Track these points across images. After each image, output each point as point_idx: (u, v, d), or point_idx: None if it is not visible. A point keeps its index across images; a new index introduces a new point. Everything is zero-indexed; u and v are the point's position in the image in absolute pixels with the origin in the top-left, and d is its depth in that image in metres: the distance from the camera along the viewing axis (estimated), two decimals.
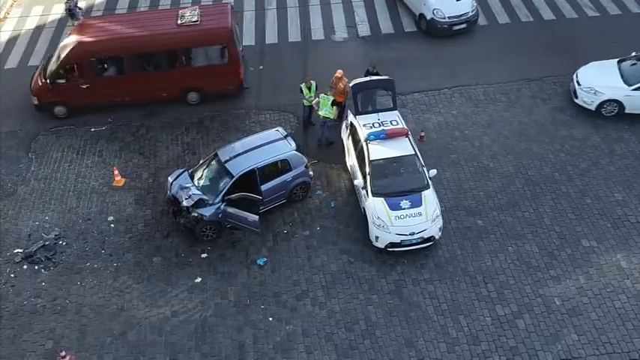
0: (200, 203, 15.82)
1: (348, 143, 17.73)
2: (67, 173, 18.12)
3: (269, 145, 16.85)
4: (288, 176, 16.60)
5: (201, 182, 16.40)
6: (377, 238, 15.46)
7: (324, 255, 15.74)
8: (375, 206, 15.52)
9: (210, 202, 15.88)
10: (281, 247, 15.98)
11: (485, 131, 18.99)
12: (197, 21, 19.11)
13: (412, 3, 23.25)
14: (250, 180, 16.11)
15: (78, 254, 15.99)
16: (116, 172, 17.76)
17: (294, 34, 23.08)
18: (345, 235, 16.19)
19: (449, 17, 22.10)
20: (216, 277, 15.39)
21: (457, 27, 22.22)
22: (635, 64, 19.26)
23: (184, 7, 20.53)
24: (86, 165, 18.37)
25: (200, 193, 15.96)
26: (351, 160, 17.24)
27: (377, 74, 18.90)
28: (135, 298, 14.98)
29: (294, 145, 16.93)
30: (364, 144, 16.48)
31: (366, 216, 15.82)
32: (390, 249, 15.51)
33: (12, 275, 15.54)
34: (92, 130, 19.47)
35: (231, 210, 15.76)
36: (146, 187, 17.66)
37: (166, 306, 14.79)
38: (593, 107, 19.00)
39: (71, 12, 23.38)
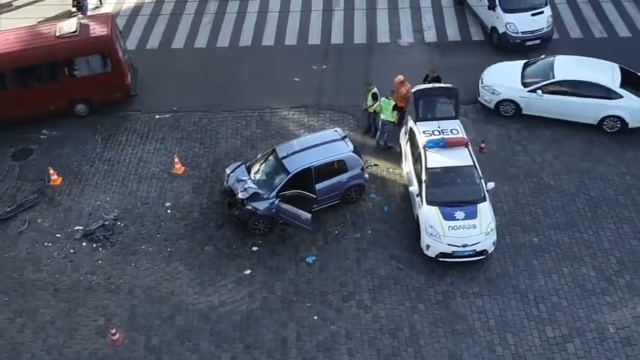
0: (255, 197, 16.04)
1: (406, 149, 17.63)
2: (130, 157, 18.69)
3: (327, 144, 16.93)
4: (343, 177, 16.63)
5: (258, 176, 16.62)
6: (428, 246, 15.32)
7: (373, 259, 15.70)
8: (428, 214, 15.38)
9: (265, 196, 16.08)
10: (331, 247, 16.04)
11: (548, 147, 18.53)
12: (75, 31, 18.99)
13: (484, 15, 22.75)
14: (306, 178, 16.23)
15: (134, 236, 16.47)
16: (177, 159, 18.19)
17: (359, 36, 23.10)
18: (395, 241, 16.11)
19: (522, 32, 21.48)
20: (265, 270, 15.58)
21: (530, 43, 21.57)
22: (536, 65, 19.50)
23: (63, 20, 20.25)
24: (148, 150, 18.89)
25: (255, 187, 16.18)
26: (408, 166, 17.13)
27: (438, 79, 18.71)
28: (185, 284, 15.32)
29: (351, 146, 16.95)
30: (422, 151, 16.34)
31: (418, 223, 15.70)
32: (441, 259, 15.34)
33: (71, 251, 16.15)
34: (157, 117, 20.02)
35: (284, 206, 15.92)
36: (204, 176, 18.03)
37: (214, 295, 15.07)
38: (492, 106, 19.33)
39: (80, 4, 23.71)
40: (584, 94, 18.49)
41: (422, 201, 15.64)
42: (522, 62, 19.84)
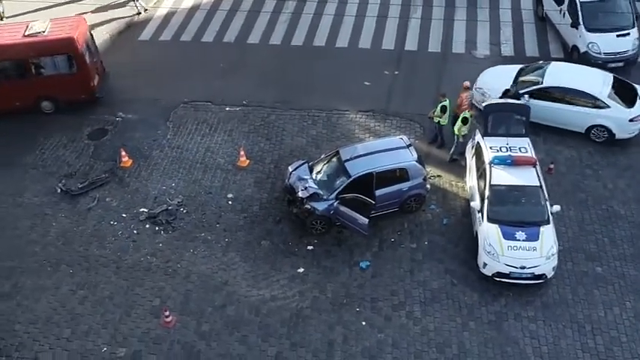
0: (314, 197, 16.17)
1: (471, 163, 17.35)
2: (198, 146, 19.20)
3: (390, 151, 16.85)
4: (404, 185, 16.53)
5: (319, 177, 16.75)
6: (485, 264, 15.04)
7: (427, 271, 15.55)
8: (488, 232, 15.09)
9: (325, 197, 16.18)
10: (385, 255, 15.99)
11: (622, 174, 17.84)
12: (43, 31, 19.33)
13: (566, 32, 22.09)
14: (366, 183, 16.22)
15: (195, 223, 16.92)
16: (242, 152, 18.56)
17: (434, 45, 22.92)
18: (452, 255, 15.90)
19: (605, 53, 20.75)
20: (318, 270, 15.69)
21: (613, 65, 20.76)
22: (531, 70, 19.45)
23: (36, 20, 20.43)
24: (216, 141, 19.35)
25: (316, 187, 16.30)
26: (472, 180, 16.86)
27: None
28: (239, 276, 15.62)
29: (415, 155, 16.82)
30: (488, 167, 16.05)
31: (477, 240, 15.43)
32: (497, 278, 15.03)
33: (135, 232, 16.74)
34: (227, 109, 20.47)
35: (343, 209, 15.97)
36: (267, 171, 18.31)
37: (267, 289, 15.30)
38: (482, 107, 18.52)
39: None
40: (572, 102, 18.49)
41: (482, 218, 15.37)
42: (519, 66, 19.87)
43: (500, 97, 18.52)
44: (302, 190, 16.29)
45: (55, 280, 15.59)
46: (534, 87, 18.76)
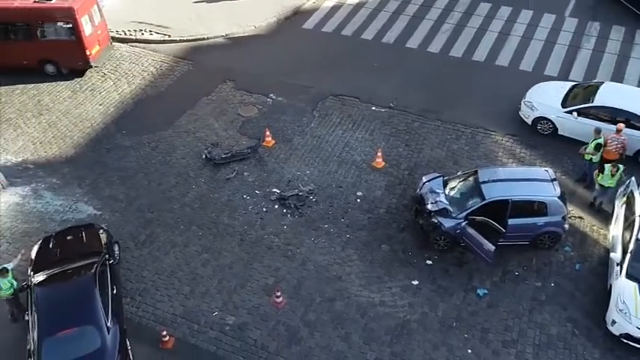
0: (443, 212, 15.84)
1: (619, 211, 16.09)
2: (338, 139, 19.51)
3: (532, 182, 16.07)
4: (540, 220, 15.69)
5: (452, 193, 16.37)
6: (613, 322, 13.92)
7: (548, 314, 14.69)
8: (624, 289, 13.93)
9: (454, 215, 15.78)
10: (506, 287, 15.32)
11: None
12: None
13: None
14: (500, 209, 15.60)
15: (321, 214, 17.25)
16: (379, 154, 18.59)
17: (603, 77, 21.41)
18: (578, 304, 14.88)
19: None
20: (433, 287, 15.38)
21: None
22: (583, 88, 19.04)
23: None
24: (356, 138, 19.55)
25: (447, 202, 15.94)
26: (617, 229, 15.64)
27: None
28: (353, 274, 15.72)
29: (558, 191, 15.89)
30: (638, 219, 14.81)
31: (610, 294, 14.32)
32: (625, 340, 13.85)
33: (264, 209, 17.40)
34: (373, 108, 20.61)
35: (470, 231, 15.50)
36: (400, 177, 18.22)
37: (377, 293, 15.26)
38: (529, 122, 19.34)
39: None
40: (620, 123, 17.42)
41: (621, 272, 14.21)
42: (572, 83, 19.70)
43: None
44: (432, 203, 16.02)
45: (185, 239, 16.63)
46: (584, 105, 18.34)
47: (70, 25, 21.25)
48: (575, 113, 18.39)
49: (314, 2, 25.82)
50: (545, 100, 19.13)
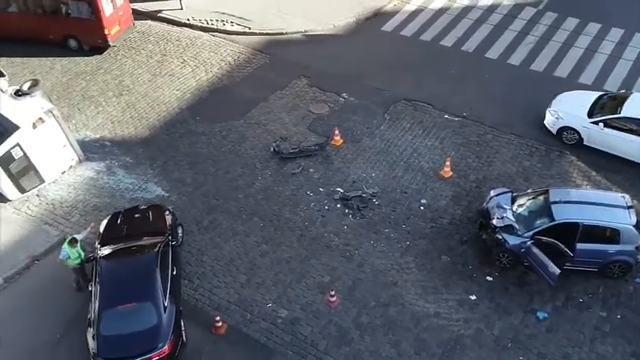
0: (509, 229, 15.40)
1: None
2: (407, 145, 19.30)
3: (606, 207, 15.40)
4: (611, 248, 15.02)
5: (520, 210, 15.89)
6: None
7: (610, 346, 14.03)
8: None
9: (519, 233, 15.32)
10: (568, 313, 14.74)
11: None
12: None
13: None
14: (569, 232, 15.02)
15: (382, 218, 17.11)
16: (448, 163, 18.27)
17: None
18: None
19: None
20: (491, 304, 14.99)
21: None
22: (611, 98, 18.71)
23: None
24: (425, 145, 19.29)
25: (513, 219, 15.50)
26: None
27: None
28: (410, 281, 15.52)
29: (634, 219, 15.15)
30: None
31: None
32: None
33: (326, 207, 17.42)
34: (445, 116, 20.26)
35: (535, 250, 15.00)
36: (467, 189, 17.84)
37: (433, 304, 15.00)
38: (554, 131, 19.12)
39: None
40: None
41: None
42: (598, 94, 19.31)
43: None
44: (498, 218, 15.61)
45: (246, 228, 16.86)
46: (611, 116, 18.03)
47: (91, 5, 22.25)
48: (601, 124, 18.08)
49: (395, 5, 25.64)
50: (571, 109, 18.81)
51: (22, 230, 16.87)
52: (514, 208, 15.87)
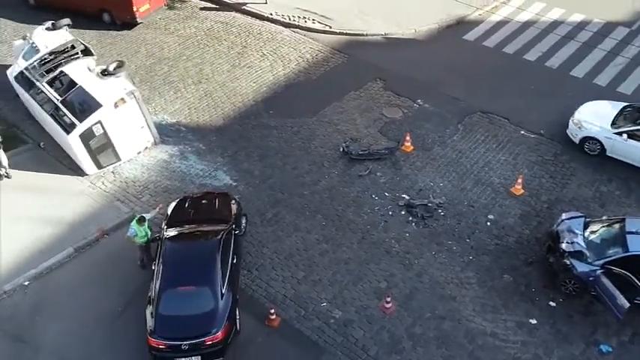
0: (578, 255, 14.81)
1: None
2: (479, 157, 18.87)
3: None
4: None
5: (592, 237, 15.25)
6: None
7: None
8: None
9: (589, 260, 14.70)
10: (634, 349, 14.03)
11: None
12: None
13: None
14: None
15: (446, 229, 16.80)
16: (520, 180, 17.75)
17: None
18: None
19: None
20: (551, 330, 14.45)
21: None
22: (636, 110, 18.46)
23: None
24: (498, 159, 18.80)
25: (584, 246, 14.89)
26: None
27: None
28: (468, 297, 15.17)
29: None
30: None
31: None
32: None
33: (390, 213, 17.27)
34: (522, 132, 19.67)
35: (605, 281, 14.34)
36: (538, 209, 17.27)
37: (491, 323, 14.62)
38: (576, 141, 18.93)
39: None
40: None
41: None
42: (623, 104, 19.02)
43: None
44: (568, 242, 15.04)
45: (309, 225, 16.94)
46: (635, 127, 17.80)
47: None
48: (625, 135, 17.82)
49: (480, 15, 25.12)
50: (594, 119, 18.62)
51: (95, 204, 17.59)
52: (586, 234, 15.26)
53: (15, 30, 24.44)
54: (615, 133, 18.08)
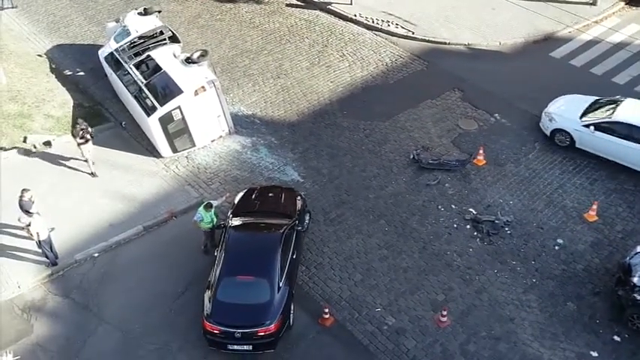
0: None
1: None
2: (553, 179, 18.26)
3: None
4: None
5: None
6: None
7: None
8: None
9: None
10: None
11: None
12: None
13: None
14: None
15: (511, 249, 16.37)
16: (594, 206, 17.06)
17: None
18: None
19: None
20: None
21: None
22: (606, 103, 18.84)
23: None
24: (573, 183, 18.13)
25: None
26: None
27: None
28: (528, 321, 14.74)
29: None
30: None
31: None
32: None
33: (454, 226, 16.99)
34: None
35: None
36: (611, 238, 16.55)
37: (549, 350, 14.14)
38: (547, 133, 19.35)
39: None
40: (637, 140, 17.58)
41: None
42: (594, 98, 19.38)
43: None
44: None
45: (371, 229, 16.91)
46: (602, 120, 18.17)
47: None
48: (592, 127, 18.16)
49: (570, 32, 24.27)
50: (564, 112, 19.06)
51: (167, 186, 18.21)
52: None
53: (110, 12, 25.63)
54: (583, 126, 18.37)
